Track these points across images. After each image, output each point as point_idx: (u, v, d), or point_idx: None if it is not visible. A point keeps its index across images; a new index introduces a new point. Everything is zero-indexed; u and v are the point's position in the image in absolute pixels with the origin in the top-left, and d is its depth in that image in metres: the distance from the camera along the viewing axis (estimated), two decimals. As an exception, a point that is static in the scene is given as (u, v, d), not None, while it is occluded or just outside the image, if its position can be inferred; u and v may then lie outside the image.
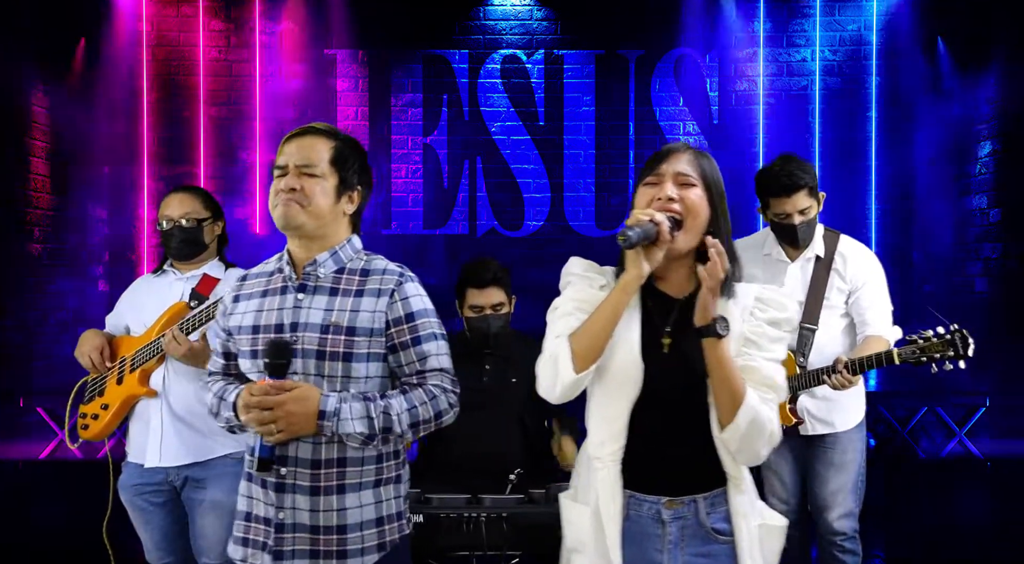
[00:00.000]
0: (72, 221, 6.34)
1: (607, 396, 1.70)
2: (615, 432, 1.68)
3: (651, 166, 1.75)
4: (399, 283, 1.96)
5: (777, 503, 3.00)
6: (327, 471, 1.88)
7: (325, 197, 1.96)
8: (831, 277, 2.89)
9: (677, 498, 1.70)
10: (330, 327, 1.90)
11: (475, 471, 2.85)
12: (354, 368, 1.90)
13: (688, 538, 1.70)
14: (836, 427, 2.90)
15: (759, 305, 1.76)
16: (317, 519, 1.88)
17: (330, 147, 1.99)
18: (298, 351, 1.89)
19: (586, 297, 1.73)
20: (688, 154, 1.75)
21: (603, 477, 1.69)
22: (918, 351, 2.59)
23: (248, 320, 1.96)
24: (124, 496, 2.70)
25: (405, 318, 1.94)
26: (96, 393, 2.77)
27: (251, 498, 1.94)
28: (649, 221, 1.62)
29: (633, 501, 1.70)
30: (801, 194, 2.82)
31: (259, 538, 1.91)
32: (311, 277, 1.96)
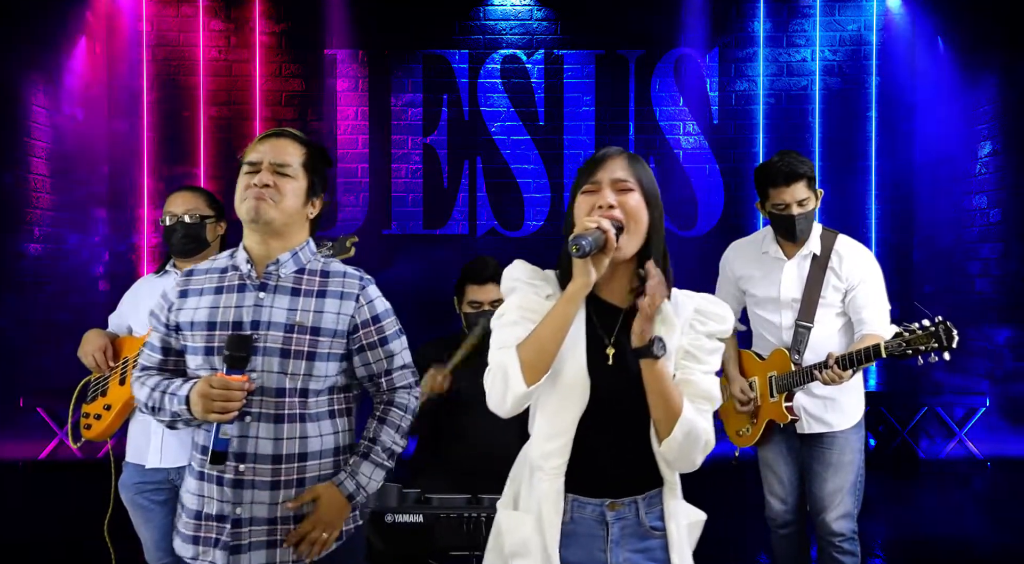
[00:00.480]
0: (72, 221, 6.35)
1: (554, 409, 1.71)
2: (561, 446, 1.69)
3: (587, 173, 1.74)
4: (362, 287, 2.03)
5: (775, 502, 3.00)
6: (288, 466, 1.92)
7: (296, 197, 2.00)
8: (827, 275, 2.89)
9: (619, 500, 1.73)
10: (295, 326, 1.94)
11: (475, 471, 2.85)
12: (316, 367, 1.94)
13: (627, 536, 1.73)
14: (833, 426, 2.90)
15: (699, 318, 1.77)
16: (275, 511, 1.91)
17: (302, 152, 2.03)
18: (260, 349, 1.91)
19: (532, 305, 1.73)
20: (622, 159, 1.74)
21: (547, 489, 1.70)
22: (904, 344, 2.60)
23: (202, 316, 1.96)
24: (125, 495, 2.70)
25: (372, 320, 2.02)
26: (99, 393, 2.77)
27: (202, 497, 1.94)
28: (596, 228, 1.63)
29: (576, 504, 1.72)
30: (800, 184, 2.84)
31: (211, 535, 1.92)
32: (272, 276, 1.99)
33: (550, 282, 1.78)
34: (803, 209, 2.86)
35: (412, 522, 2.47)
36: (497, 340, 1.72)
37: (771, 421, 2.95)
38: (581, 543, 1.72)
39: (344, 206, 6.66)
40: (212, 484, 1.92)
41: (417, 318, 6.04)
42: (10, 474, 5.33)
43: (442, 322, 4.65)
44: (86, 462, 5.40)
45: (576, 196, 1.76)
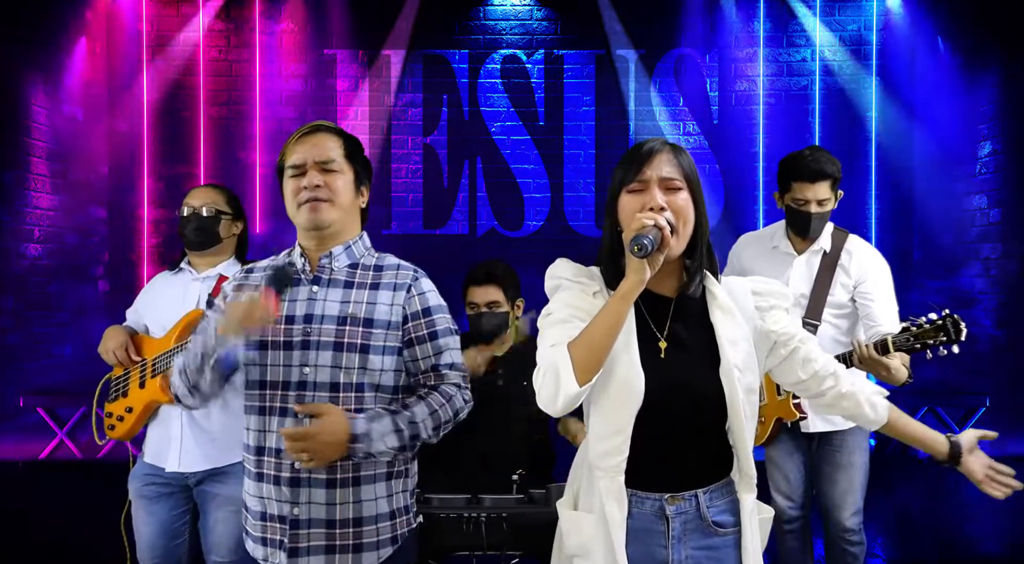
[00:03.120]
0: (72, 221, 6.34)
1: (608, 408, 1.67)
2: (619, 443, 1.66)
3: (632, 170, 1.70)
4: (415, 278, 2.01)
5: (782, 499, 3.03)
6: (343, 463, 1.88)
7: (348, 191, 1.99)
8: (836, 272, 2.90)
9: (679, 494, 1.70)
10: (347, 319, 1.92)
11: (478, 471, 2.85)
12: (371, 360, 1.91)
13: (690, 532, 1.70)
14: (837, 425, 2.91)
15: (759, 298, 1.76)
16: (333, 513, 1.88)
17: (340, 143, 2.02)
18: (313, 343, 1.89)
19: (581, 304, 1.70)
20: (668, 154, 1.71)
21: (606, 485, 1.67)
22: (911, 338, 2.60)
23: None
24: (133, 485, 2.70)
25: (422, 313, 1.98)
26: (120, 393, 2.77)
27: (262, 498, 1.92)
28: (653, 226, 1.60)
29: (635, 499, 1.69)
30: (825, 184, 2.84)
31: (276, 536, 1.90)
32: (326, 270, 1.98)
33: (595, 279, 1.75)
34: (821, 208, 2.86)
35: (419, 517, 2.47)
36: (546, 338, 1.68)
37: (779, 419, 2.95)
38: (641, 538, 1.69)
39: (344, 206, 6.65)
40: (270, 484, 1.90)
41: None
42: (10, 474, 5.33)
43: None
44: (86, 462, 5.40)
45: (620, 193, 1.71)
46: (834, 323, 2.91)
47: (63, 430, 5.55)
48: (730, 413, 1.68)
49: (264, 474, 1.91)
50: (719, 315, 1.71)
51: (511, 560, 2.59)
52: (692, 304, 1.74)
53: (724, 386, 1.67)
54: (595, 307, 1.67)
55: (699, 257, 1.72)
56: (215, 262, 2.77)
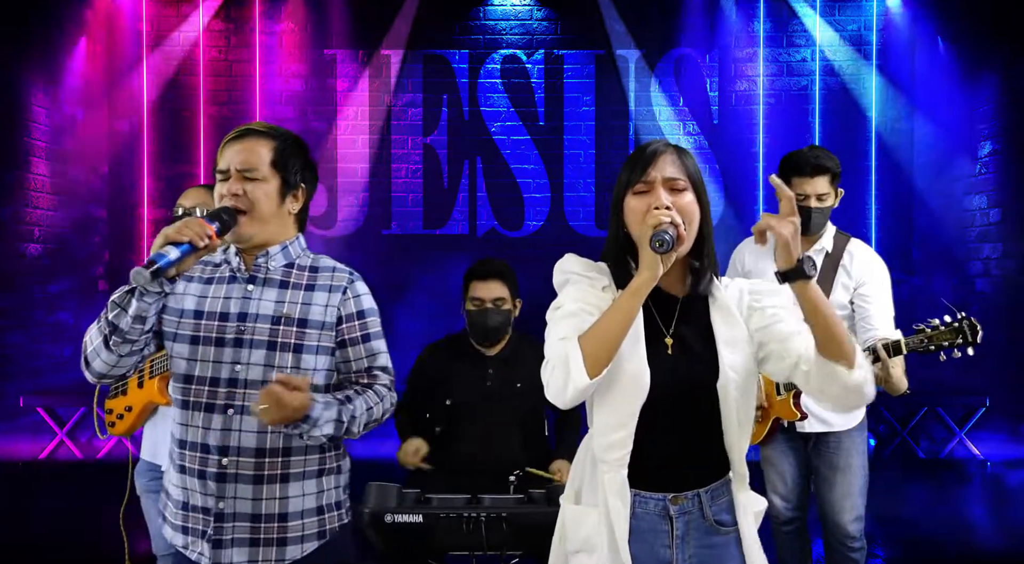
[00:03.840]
0: (72, 221, 6.35)
1: (614, 401, 1.68)
2: (623, 437, 1.67)
3: (637, 171, 1.71)
4: (351, 281, 2.01)
5: (778, 500, 3.02)
6: (271, 460, 1.89)
7: (268, 200, 1.95)
8: (838, 273, 2.90)
9: (681, 493, 1.71)
10: (281, 318, 1.92)
11: (476, 475, 2.85)
12: (304, 359, 1.92)
13: (693, 532, 1.71)
14: (834, 426, 2.91)
15: (755, 297, 1.77)
16: (259, 507, 1.89)
17: (270, 148, 1.96)
18: (247, 341, 1.90)
19: (590, 298, 1.71)
20: (672, 155, 1.72)
21: (610, 479, 1.69)
22: (926, 340, 2.59)
23: (190, 304, 1.94)
24: (140, 481, 2.71)
25: (356, 315, 1.99)
26: (120, 391, 2.79)
27: (185, 489, 1.92)
28: (671, 223, 1.62)
29: (639, 499, 1.70)
30: (823, 178, 2.86)
31: (198, 527, 1.90)
32: (261, 269, 1.97)
33: (604, 274, 1.76)
34: (821, 204, 2.87)
35: (412, 522, 2.47)
36: (555, 332, 1.69)
37: (776, 419, 2.95)
38: (644, 538, 1.70)
39: (344, 206, 6.66)
40: (194, 477, 1.90)
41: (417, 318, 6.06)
42: (10, 474, 5.33)
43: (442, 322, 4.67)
44: (86, 462, 5.41)
45: (625, 194, 1.73)
46: None
47: (63, 430, 5.55)
48: (723, 414, 1.69)
49: (187, 467, 1.91)
50: (717, 317, 1.73)
51: (511, 560, 2.59)
52: (697, 304, 1.75)
53: (719, 389, 1.69)
54: (604, 301, 1.68)
55: (706, 257, 1.74)
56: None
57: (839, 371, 1.62)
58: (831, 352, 1.62)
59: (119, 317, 1.84)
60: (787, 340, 1.70)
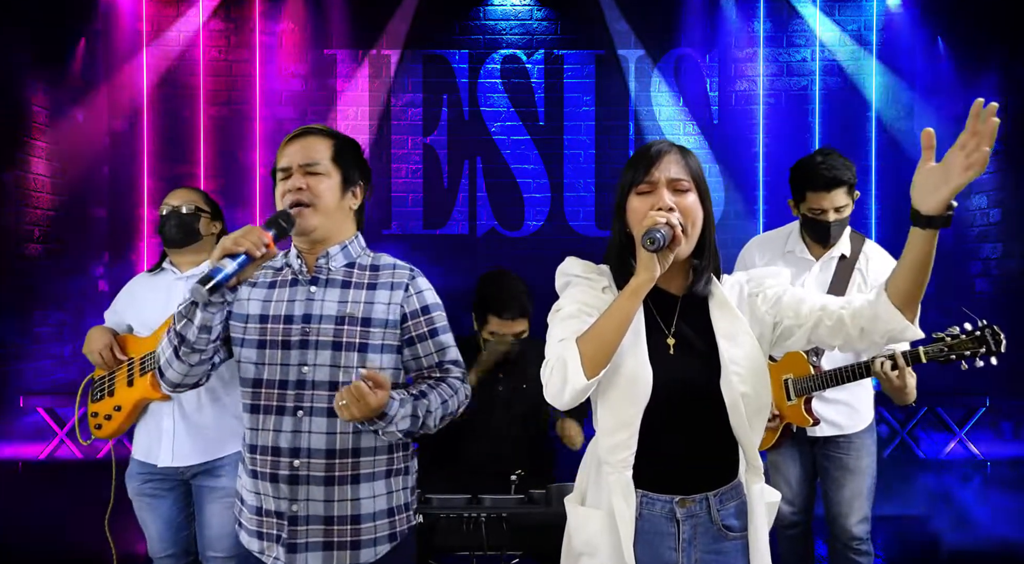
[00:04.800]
0: (72, 221, 6.34)
1: (617, 402, 1.68)
2: (626, 438, 1.67)
3: (640, 171, 1.71)
4: (412, 277, 2.02)
5: (783, 504, 2.99)
6: (342, 461, 1.90)
7: (331, 194, 1.99)
8: (854, 276, 2.86)
9: (689, 496, 1.70)
10: (345, 318, 1.93)
11: (478, 472, 2.85)
12: (370, 359, 1.93)
13: (700, 536, 1.70)
14: (844, 429, 2.88)
15: (754, 284, 1.77)
16: (331, 509, 1.89)
17: (329, 145, 2.02)
18: (312, 342, 1.91)
19: (590, 300, 1.71)
20: (675, 155, 1.72)
21: (615, 481, 1.68)
22: (946, 349, 2.48)
23: (255, 308, 1.96)
24: (131, 485, 2.71)
25: (421, 311, 1.99)
26: (106, 393, 2.78)
27: (259, 494, 1.93)
28: (666, 223, 1.62)
29: (646, 500, 1.70)
30: (841, 191, 2.78)
31: (272, 531, 1.91)
32: (323, 270, 1.99)
33: (604, 275, 1.77)
34: (840, 215, 2.81)
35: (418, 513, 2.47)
36: (555, 333, 1.70)
37: (787, 426, 2.91)
38: (650, 541, 1.69)
39: (344, 206, 6.65)
40: (266, 481, 1.91)
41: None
42: (10, 474, 5.33)
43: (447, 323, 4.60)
44: (86, 462, 5.40)
45: (628, 194, 1.72)
46: None
47: (63, 430, 5.55)
48: (730, 410, 1.68)
49: (259, 472, 1.92)
50: (717, 313, 1.73)
51: (511, 560, 2.59)
52: (698, 303, 1.75)
53: (722, 384, 1.67)
54: (604, 303, 1.69)
55: (707, 257, 1.73)
56: (197, 261, 2.77)
57: (898, 317, 1.60)
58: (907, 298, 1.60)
59: (186, 328, 1.85)
60: (798, 308, 1.71)
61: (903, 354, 2.54)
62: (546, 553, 2.37)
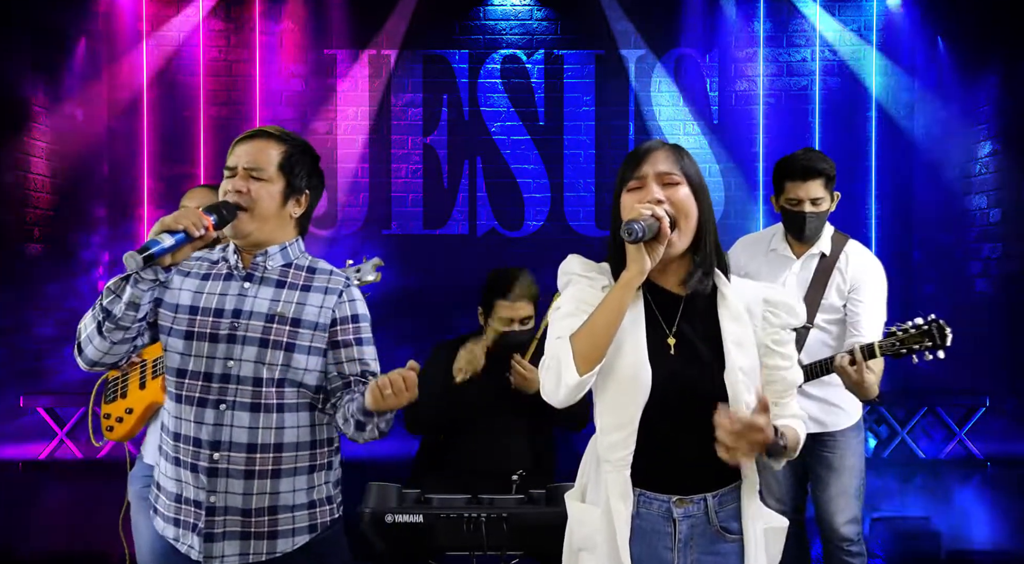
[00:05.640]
0: (72, 221, 6.34)
1: (616, 400, 1.68)
2: (625, 437, 1.66)
3: (630, 168, 1.71)
4: (347, 286, 2.03)
5: (773, 503, 2.98)
6: (263, 456, 1.91)
7: (271, 201, 1.97)
8: (833, 275, 2.87)
9: (687, 497, 1.69)
10: (275, 317, 1.94)
11: (478, 472, 2.85)
12: (295, 359, 1.93)
13: (697, 537, 1.69)
14: (827, 426, 2.88)
15: (771, 309, 1.75)
16: (249, 502, 1.90)
17: (280, 151, 2.00)
18: (240, 337, 1.92)
19: (588, 297, 1.71)
20: (666, 152, 1.72)
21: (613, 479, 1.68)
22: (897, 343, 2.57)
23: (185, 299, 1.96)
24: (133, 487, 2.70)
25: (351, 318, 2.00)
26: (119, 394, 2.77)
27: (179, 481, 1.93)
28: (651, 216, 1.61)
29: (643, 499, 1.69)
30: (816, 182, 2.81)
31: (190, 520, 1.92)
32: (259, 267, 1.99)
33: (605, 274, 1.76)
34: (816, 208, 2.82)
35: (412, 522, 2.47)
36: (553, 332, 1.71)
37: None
38: (646, 539, 1.69)
39: (344, 206, 6.66)
40: (187, 470, 1.91)
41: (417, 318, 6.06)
42: (10, 474, 5.33)
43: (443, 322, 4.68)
44: (87, 462, 5.40)
45: (620, 194, 1.73)
46: (825, 328, 2.88)
47: (63, 430, 5.55)
48: None
49: (181, 460, 1.92)
50: (727, 317, 1.72)
51: (511, 560, 2.59)
52: (702, 302, 1.74)
53: (728, 389, 1.67)
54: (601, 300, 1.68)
55: (706, 254, 1.72)
56: None
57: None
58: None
59: (113, 303, 1.87)
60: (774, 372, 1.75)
61: (860, 348, 2.60)
62: (546, 553, 2.37)
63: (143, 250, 1.76)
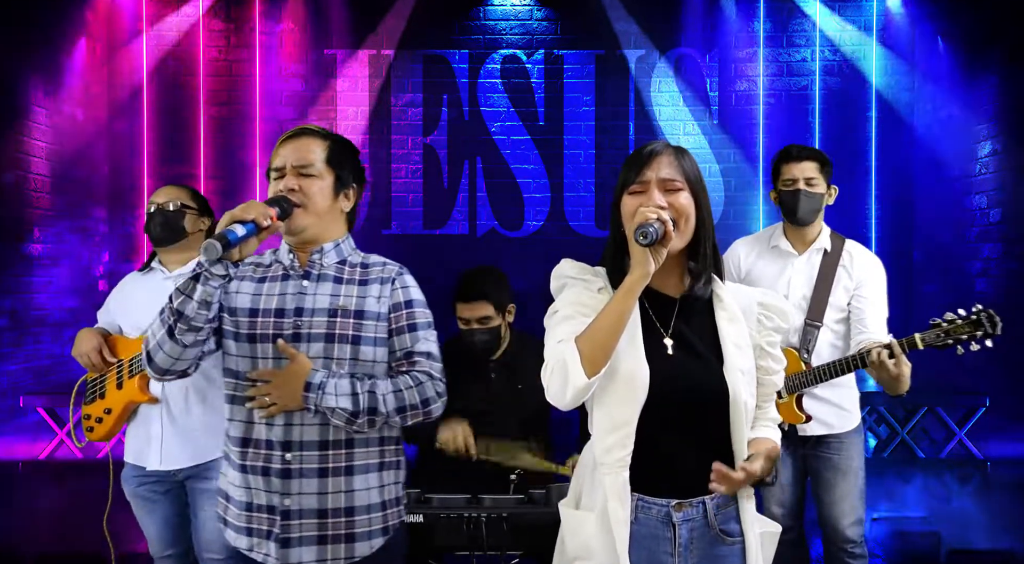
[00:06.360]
0: (72, 221, 6.35)
1: (614, 402, 1.67)
2: (622, 438, 1.66)
3: (633, 171, 1.72)
4: (399, 273, 2.03)
5: (774, 506, 2.98)
6: (335, 452, 1.90)
7: (323, 196, 1.99)
8: (839, 273, 2.87)
9: (686, 500, 1.69)
10: (338, 311, 1.93)
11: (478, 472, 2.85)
12: (362, 351, 1.93)
13: (697, 540, 1.69)
14: (834, 428, 2.88)
15: (765, 313, 1.77)
16: (325, 502, 1.89)
17: (324, 147, 2.02)
18: (304, 335, 1.91)
19: (585, 300, 1.71)
20: (669, 156, 1.72)
21: (611, 482, 1.67)
22: (942, 334, 2.55)
23: (244, 301, 1.95)
24: (127, 488, 2.70)
25: (404, 304, 1.99)
26: (98, 395, 2.77)
27: (249, 488, 1.92)
28: (657, 219, 1.62)
29: (642, 504, 1.69)
30: (811, 163, 2.89)
31: (263, 527, 1.90)
32: (315, 265, 2.00)
33: (600, 276, 1.77)
34: (810, 188, 2.86)
35: (412, 522, 2.47)
36: (553, 335, 1.71)
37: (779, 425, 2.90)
38: (646, 545, 1.68)
39: (344, 206, 6.65)
40: (257, 475, 1.90)
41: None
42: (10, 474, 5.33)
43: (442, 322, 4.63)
44: (86, 462, 5.40)
45: (622, 195, 1.73)
46: (833, 328, 2.88)
47: (63, 430, 5.55)
48: (732, 417, 1.68)
49: (249, 466, 1.91)
50: (724, 318, 1.72)
51: (511, 560, 2.59)
52: (697, 305, 1.75)
53: (728, 389, 1.67)
54: (600, 303, 1.68)
55: (703, 257, 1.73)
56: (186, 259, 2.75)
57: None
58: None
59: (184, 304, 1.83)
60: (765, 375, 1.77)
61: (899, 342, 2.56)
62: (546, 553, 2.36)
63: (221, 238, 1.75)
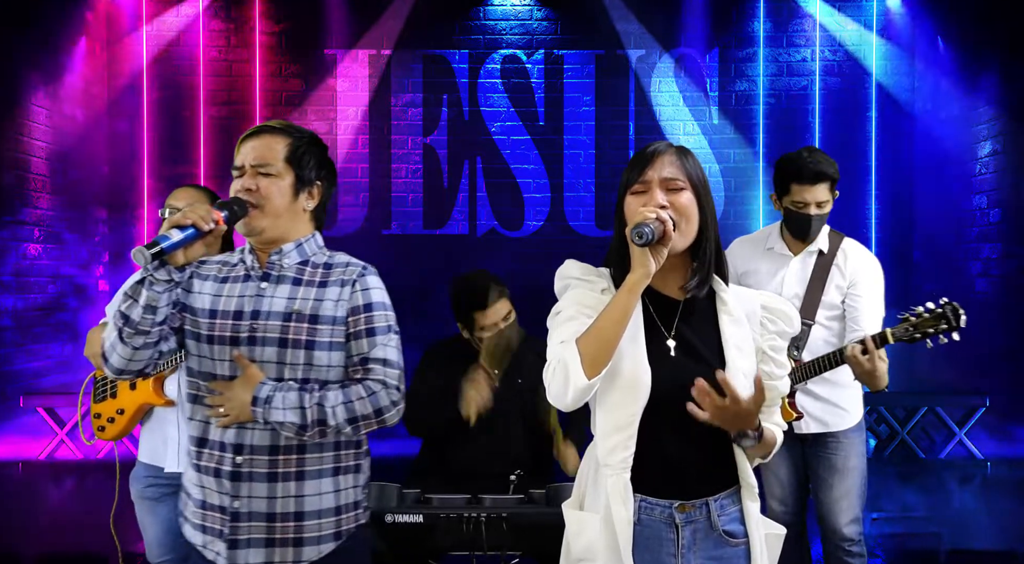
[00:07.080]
0: (72, 221, 6.35)
1: (615, 403, 1.67)
2: (625, 439, 1.66)
3: (636, 171, 1.72)
4: (361, 274, 1.97)
5: (775, 504, 2.99)
6: (286, 458, 1.88)
7: (282, 196, 1.95)
8: (832, 272, 2.88)
9: (688, 501, 1.69)
10: (292, 315, 1.90)
11: (478, 472, 2.84)
12: (316, 356, 1.90)
13: (700, 541, 1.69)
14: (831, 426, 2.88)
15: (768, 316, 1.77)
16: (274, 506, 1.87)
17: (285, 144, 1.97)
18: (259, 339, 1.89)
19: (588, 301, 1.71)
20: (671, 156, 1.72)
21: (613, 483, 1.66)
22: (911, 328, 2.57)
23: (205, 302, 1.94)
24: (135, 488, 2.70)
25: (363, 308, 1.94)
26: (109, 394, 2.76)
27: (203, 488, 1.91)
28: (656, 219, 1.62)
29: (644, 505, 1.68)
30: (824, 186, 2.82)
31: (215, 526, 1.90)
32: (275, 266, 1.96)
33: (604, 277, 1.77)
34: (821, 211, 2.84)
35: (412, 522, 2.47)
36: (555, 336, 1.70)
37: None
38: (649, 546, 1.68)
39: (344, 206, 6.66)
40: (210, 476, 1.89)
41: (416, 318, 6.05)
42: (10, 474, 5.33)
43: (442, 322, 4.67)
44: (86, 462, 5.41)
45: (625, 195, 1.73)
46: (826, 325, 2.88)
47: (63, 430, 5.56)
48: None
49: (203, 466, 1.91)
50: (727, 321, 1.72)
51: (511, 560, 2.59)
52: (700, 307, 1.75)
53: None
54: (602, 304, 1.68)
55: (705, 258, 1.72)
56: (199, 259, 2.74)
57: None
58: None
59: (131, 308, 1.82)
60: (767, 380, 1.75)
61: (872, 337, 2.60)
62: (546, 553, 2.37)
63: (151, 245, 1.72)
